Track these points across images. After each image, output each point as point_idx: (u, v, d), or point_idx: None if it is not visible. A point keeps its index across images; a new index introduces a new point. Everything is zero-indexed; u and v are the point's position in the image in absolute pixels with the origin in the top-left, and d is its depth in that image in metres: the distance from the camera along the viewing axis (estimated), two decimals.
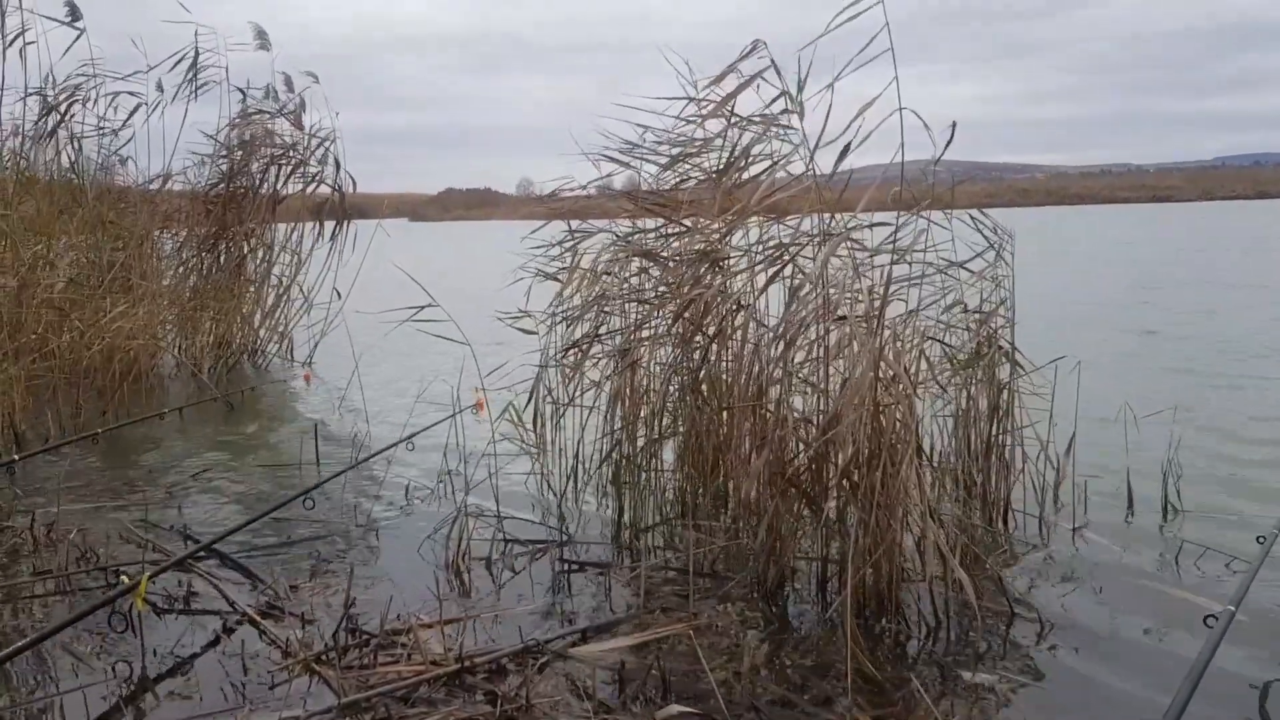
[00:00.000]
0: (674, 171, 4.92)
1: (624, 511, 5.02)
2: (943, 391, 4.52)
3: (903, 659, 3.56)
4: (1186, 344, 10.88)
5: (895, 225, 3.89)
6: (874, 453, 3.73)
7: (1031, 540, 4.72)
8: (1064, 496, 5.06)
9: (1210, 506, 5.11)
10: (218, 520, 5.26)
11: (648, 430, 4.95)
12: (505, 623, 3.85)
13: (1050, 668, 3.47)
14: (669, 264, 4.77)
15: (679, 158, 4.80)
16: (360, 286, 10.11)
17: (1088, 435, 5.19)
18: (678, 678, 3.34)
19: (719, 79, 4.37)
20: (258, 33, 10.76)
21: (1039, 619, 3.80)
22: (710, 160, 4.77)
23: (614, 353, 4.97)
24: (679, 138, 4.86)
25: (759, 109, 4.32)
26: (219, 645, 3.71)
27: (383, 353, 8.87)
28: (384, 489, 5.66)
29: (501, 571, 4.45)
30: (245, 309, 11.00)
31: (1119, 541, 4.70)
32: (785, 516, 4.04)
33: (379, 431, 6.50)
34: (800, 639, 3.76)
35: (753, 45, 4.24)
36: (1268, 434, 6.67)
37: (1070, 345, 5.51)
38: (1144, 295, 16.18)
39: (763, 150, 4.44)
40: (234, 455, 6.83)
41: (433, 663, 3.38)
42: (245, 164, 10.89)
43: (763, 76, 4.16)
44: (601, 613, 4.00)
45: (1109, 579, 4.24)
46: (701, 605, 3.98)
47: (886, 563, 3.75)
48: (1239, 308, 14.06)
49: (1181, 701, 2.61)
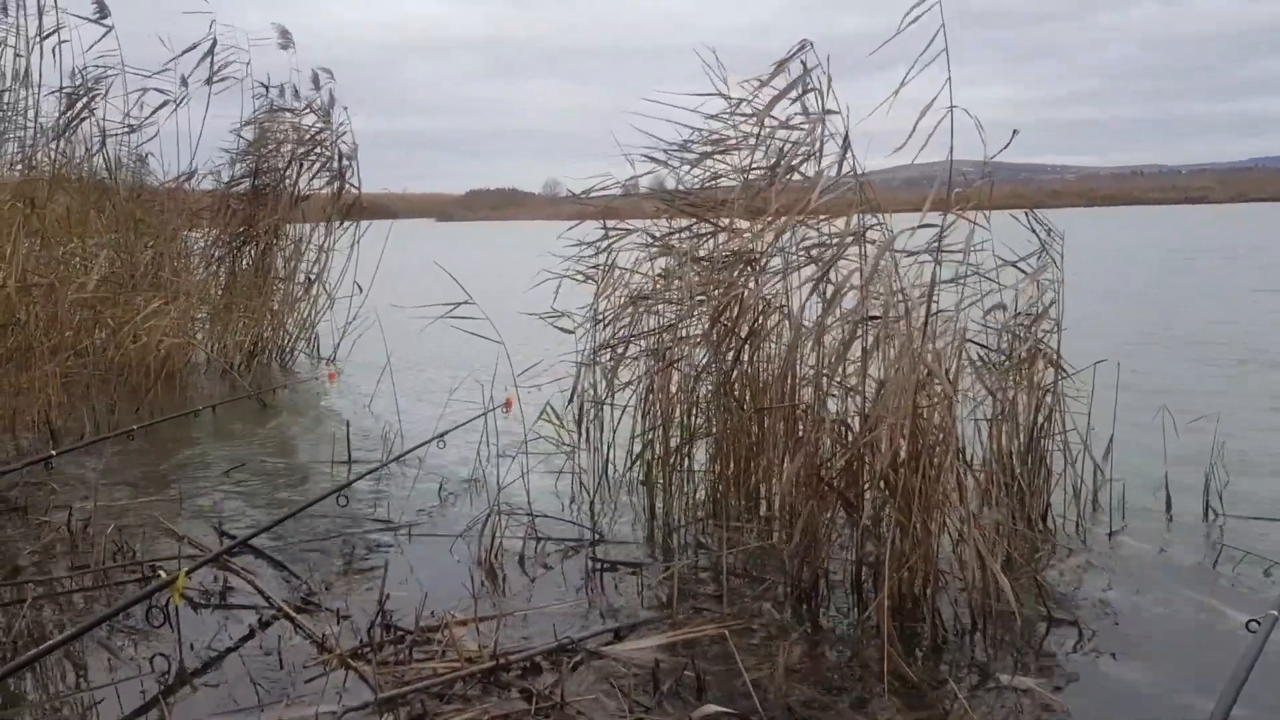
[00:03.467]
0: (705, 169, 4.90)
1: (656, 511, 5.01)
2: (986, 394, 4.47)
3: (939, 661, 3.53)
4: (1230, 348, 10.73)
5: (941, 226, 3.85)
6: (913, 454, 3.71)
7: (1070, 543, 4.68)
8: (1105, 500, 5.00)
9: (1251, 510, 5.03)
10: (251, 516, 5.29)
11: (680, 430, 4.93)
12: (538, 621, 3.85)
13: (1089, 673, 3.43)
14: (705, 265, 4.76)
15: (710, 154, 4.78)
16: (390, 285, 10.15)
17: (1128, 438, 5.14)
18: (712, 678, 3.33)
19: (770, 78, 4.35)
20: (281, 32, 10.82)
21: (1077, 623, 3.76)
22: (743, 159, 4.75)
23: (648, 353, 4.97)
24: (712, 136, 4.85)
25: (796, 110, 4.30)
26: (254, 640, 3.72)
27: (414, 350, 8.90)
28: (416, 486, 5.67)
29: (534, 569, 4.45)
30: (274, 306, 11.06)
31: (1159, 545, 4.65)
32: (820, 518, 4.02)
33: (410, 429, 6.51)
34: (835, 640, 3.74)
35: (800, 45, 4.22)
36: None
37: (1115, 347, 5.45)
38: (1192, 296, 15.99)
39: (802, 152, 4.42)
40: (267, 452, 6.87)
41: (468, 660, 3.38)
42: (270, 160, 10.95)
43: (811, 76, 4.13)
44: (634, 612, 3.99)
45: (1149, 584, 4.19)
46: (735, 606, 3.96)
47: (923, 565, 3.72)
48: None
49: (1225, 707, 2.56)
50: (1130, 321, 12.39)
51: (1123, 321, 12.17)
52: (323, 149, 11.01)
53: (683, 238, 4.97)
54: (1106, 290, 15.66)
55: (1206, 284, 18.10)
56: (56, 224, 8.31)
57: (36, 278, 7.51)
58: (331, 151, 11.00)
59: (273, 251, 11.11)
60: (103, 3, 9.61)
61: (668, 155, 5.00)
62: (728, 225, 4.59)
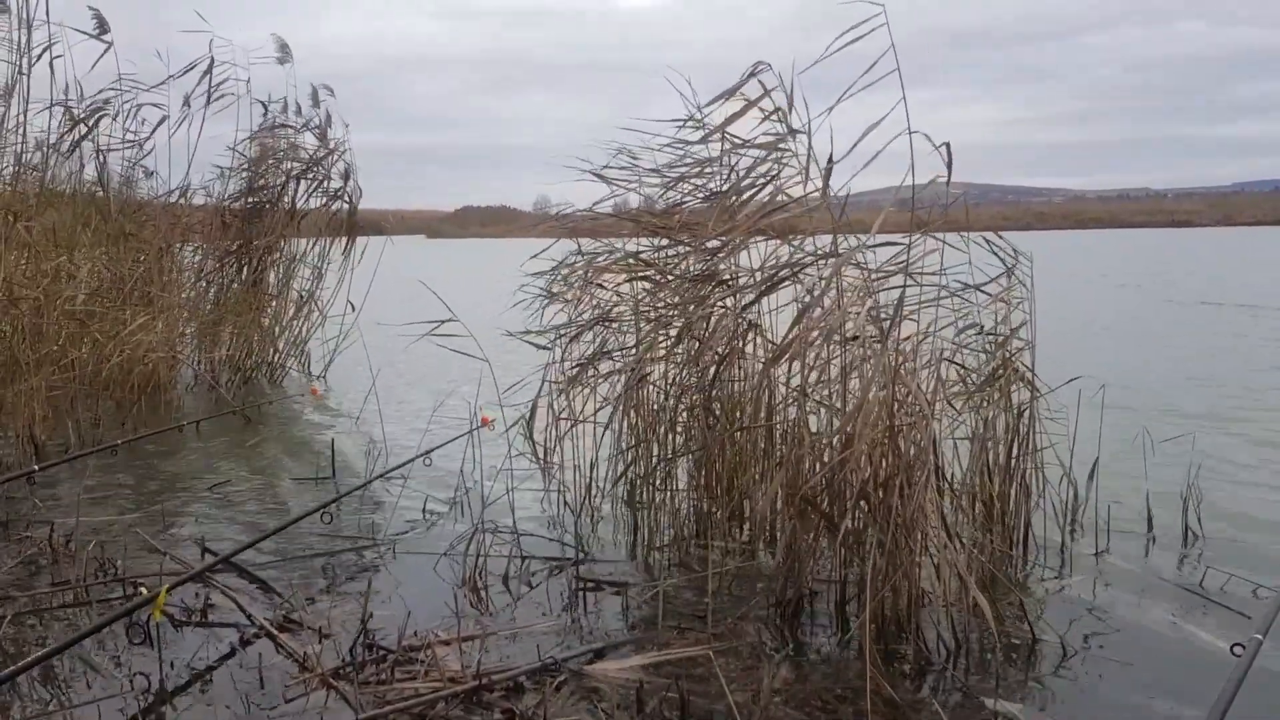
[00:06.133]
0: (677, 191, 4.93)
1: (639, 530, 5.00)
2: (958, 414, 4.49)
3: (923, 683, 3.53)
4: (1210, 367, 10.81)
5: (908, 245, 3.88)
6: (891, 474, 3.72)
7: (1053, 565, 4.68)
8: (1086, 522, 5.02)
9: (1233, 532, 5.06)
10: (235, 533, 5.27)
11: (660, 449, 4.94)
12: (522, 640, 3.84)
13: (1072, 696, 3.43)
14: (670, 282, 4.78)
15: (681, 178, 4.82)
16: (376, 302, 10.15)
17: (1110, 458, 5.16)
18: (696, 698, 3.32)
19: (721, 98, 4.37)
20: (279, 45, 10.84)
21: (1061, 645, 3.76)
22: (716, 181, 4.78)
23: (622, 370, 4.97)
24: (683, 158, 4.88)
25: (764, 130, 4.32)
26: (235, 658, 3.70)
27: (400, 368, 8.90)
28: (401, 504, 5.66)
29: (518, 589, 4.44)
30: (265, 322, 11.04)
31: (1141, 568, 4.66)
32: (803, 537, 4.03)
33: (396, 446, 6.50)
34: (819, 661, 3.74)
35: (754, 67, 4.24)
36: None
37: (1093, 366, 5.49)
38: (1172, 319, 16.09)
39: (766, 171, 4.44)
40: (251, 469, 6.84)
41: (450, 680, 3.37)
42: (267, 177, 10.96)
43: (770, 97, 4.15)
44: (618, 631, 3.98)
45: (1131, 607, 4.20)
46: (719, 626, 3.96)
47: (905, 585, 3.73)
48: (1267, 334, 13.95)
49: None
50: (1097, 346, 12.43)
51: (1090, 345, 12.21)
52: (321, 167, 11.03)
53: (656, 257, 4.98)
54: (1078, 313, 15.74)
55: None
56: (45, 238, 8.28)
57: (24, 291, 7.48)
58: (330, 169, 11.03)
59: (266, 268, 11.11)
60: (103, 18, 9.62)
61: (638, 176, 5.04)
62: (698, 244, 4.60)
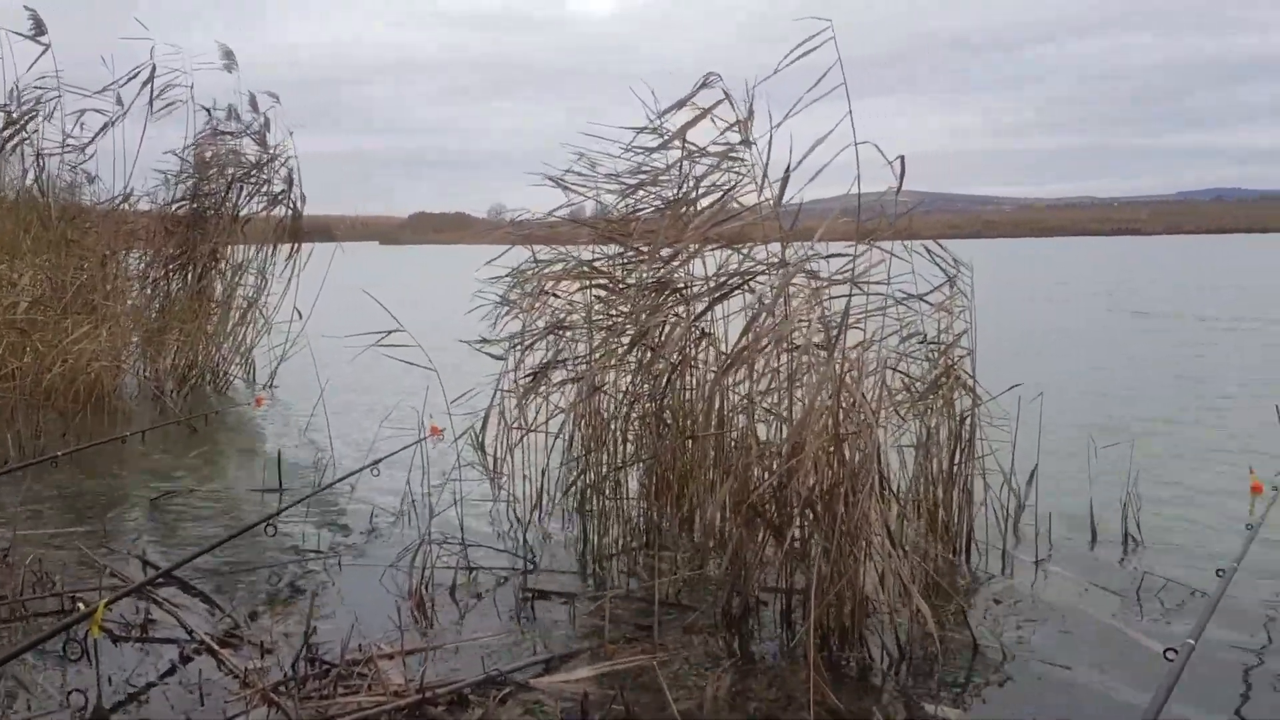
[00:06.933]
0: (634, 199, 4.94)
1: (588, 539, 4.99)
2: (903, 421, 4.54)
3: (866, 691, 3.55)
4: (1149, 375, 11.02)
5: (853, 255, 3.92)
6: (837, 482, 3.75)
7: (995, 572, 4.74)
8: (1026, 528, 5.09)
9: (1170, 537, 5.16)
10: (177, 546, 5.19)
11: (610, 458, 4.93)
12: (468, 652, 3.81)
13: (1013, 702, 3.48)
14: (624, 290, 4.78)
15: (637, 186, 4.83)
16: (327, 310, 10.05)
17: (1050, 465, 5.23)
18: (641, 709, 3.32)
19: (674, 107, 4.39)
20: (225, 53, 10.70)
21: (1002, 652, 3.81)
22: (670, 191, 4.79)
23: (575, 379, 4.96)
24: (640, 167, 4.89)
25: (723, 140, 4.34)
26: (176, 674, 3.65)
27: (348, 377, 8.81)
28: (347, 515, 5.61)
29: (465, 600, 4.42)
30: (210, 330, 10.90)
31: (1081, 573, 4.73)
32: (750, 546, 4.04)
33: (343, 456, 6.45)
34: (764, 670, 3.75)
35: (705, 78, 4.26)
36: (1226, 464, 6.73)
37: (1033, 375, 5.57)
38: (1111, 326, 16.40)
39: (718, 180, 4.46)
40: (196, 480, 6.74)
41: (394, 693, 3.34)
42: (210, 183, 10.83)
43: (731, 105, 4.18)
44: (565, 642, 3.97)
45: (1071, 612, 4.26)
46: (666, 635, 3.96)
47: (850, 593, 3.76)
48: (1207, 340, 14.25)
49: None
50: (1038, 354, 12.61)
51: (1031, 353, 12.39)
52: (263, 172, 10.91)
53: (610, 265, 4.99)
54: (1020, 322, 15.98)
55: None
56: None
57: None
58: (271, 175, 10.91)
59: (210, 275, 10.97)
60: (39, 20, 9.45)
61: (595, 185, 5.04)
62: (652, 252, 4.61)
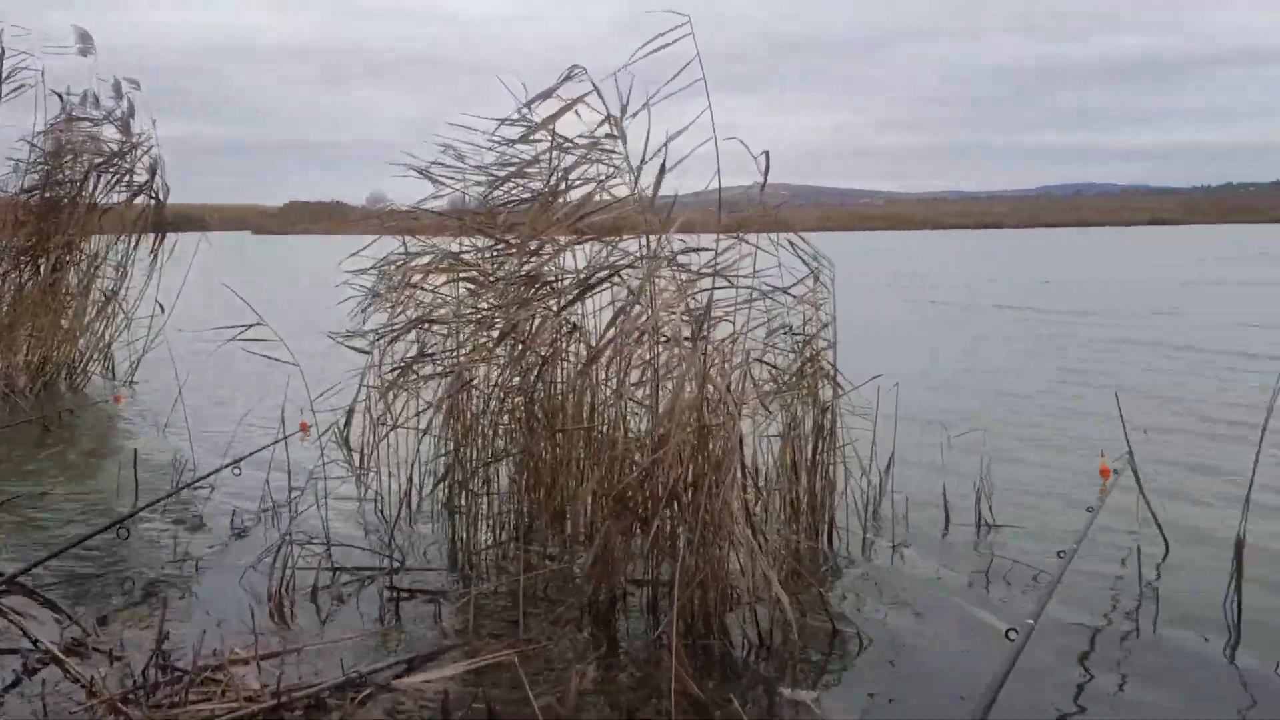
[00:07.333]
0: (502, 191, 4.89)
1: (458, 536, 4.94)
2: (768, 413, 4.62)
3: (728, 678, 3.62)
4: (1005, 365, 11.49)
5: (715, 250, 3.98)
6: (700, 473, 3.80)
7: (855, 557, 4.88)
8: (885, 514, 5.25)
9: (1021, 520, 5.37)
10: (25, 551, 4.95)
11: (480, 453, 4.89)
12: (329, 655, 3.74)
13: (866, 683, 3.60)
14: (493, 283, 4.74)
15: (505, 178, 4.78)
16: (191, 303, 9.72)
17: (908, 453, 5.41)
18: (504, 706, 3.31)
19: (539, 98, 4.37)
20: (81, 36, 10.24)
21: (859, 635, 3.93)
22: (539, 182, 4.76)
23: (444, 373, 4.89)
24: (509, 159, 4.85)
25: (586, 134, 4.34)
26: (19, 686, 3.49)
27: (211, 373, 8.54)
28: (207, 517, 5.44)
29: (328, 602, 4.33)
30: (65, 324, 10.42)
31: (935, 556, 4.91)
32: (616, 538, 4.07)
33: (203, 455, 6.24)
34: (629, 661, 3.79)
35: (570, 70, 4.26)
36: (1077, 451, 7.05)
37: (894, 365, 5.74)
38: (968, 318, 17.03)
39: (590, 173, 4.46)
40: (46, 481, 6.44)
41: (248, 699, 3.26)
42: (64, 171, 10.34)
43: (600, 98, 4.17)
44: (430, 641, 3.94)
45: (925, 594, 4.42)
46: (533, 630, 3.96)
47: (714, 583, 3.81)
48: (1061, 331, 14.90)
49: (981, 712, 2.73)
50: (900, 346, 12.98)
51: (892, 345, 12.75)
52: (124, 160, 10.46)
53: (479, 258, 4.93)
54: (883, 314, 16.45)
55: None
56: None
57: None
58: (133, 163, 10.48)
59: (65, 266, 10.48)
60: None
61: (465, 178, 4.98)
62: (522, 245, 4.58)
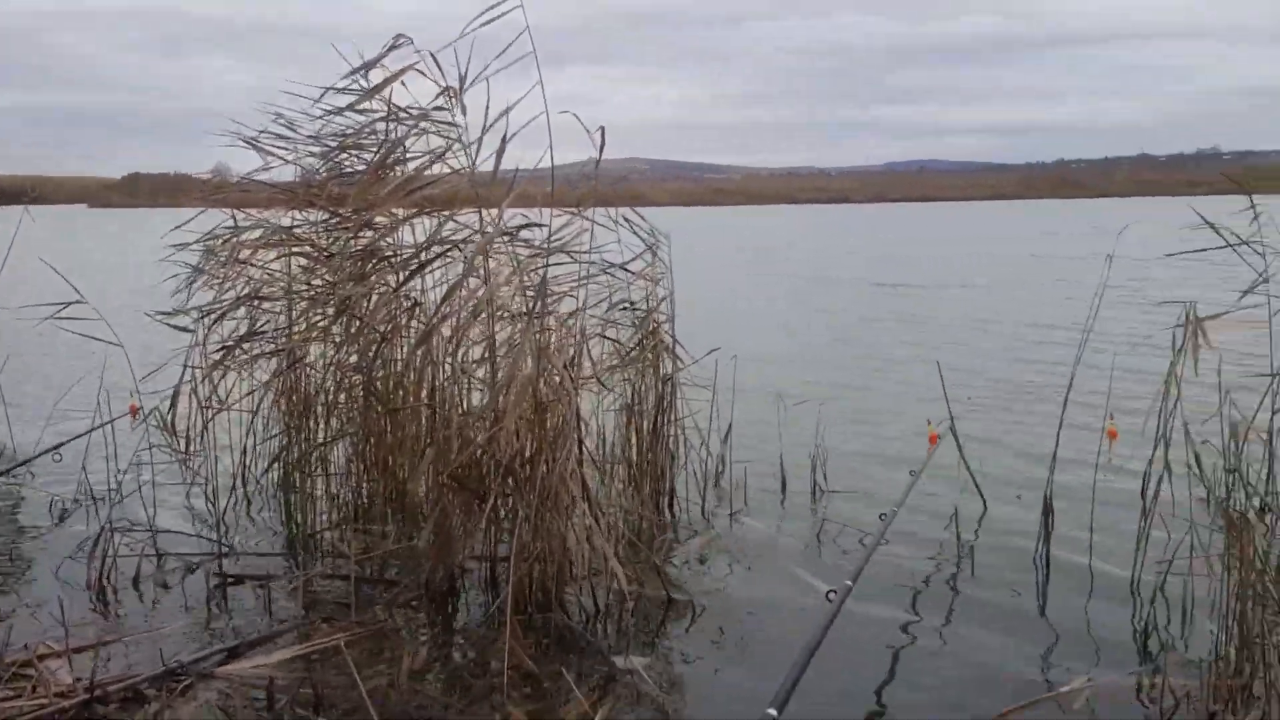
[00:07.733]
0: (335, 162, 4.74)
1: (293, 519, 4.82)
2: (605, 389, 4.65)
3: (564, 650, 3.64)
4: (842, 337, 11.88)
5: (549, 225, 3.98)
6: (538, 449, 3.80)
7: (695, 526, 4.98)
8: (725, 483, 5.36)
9: (854, 485, 5.56)
10: None
11: (311, 433, 4.77)
12: (150, 645, 3.61)
13: (694, 647, 3.68)
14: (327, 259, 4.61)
15: (339, 148, 4.64)
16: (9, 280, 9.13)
17: (746, 425, 5.54)
18: (332, 690, 3.26)
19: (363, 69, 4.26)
20: None
21: (692, 601, 4.01)
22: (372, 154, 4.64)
23: (275, 352, 4.74)
24: (344, 130, 4.70)
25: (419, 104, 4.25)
26: None
27: (29, 355, 8.08)
28: (24, 505, 5.16)
29: (151, 590, 4.18)
30: None
31: (771, 522, 5.05)
32: (454, 515, 4.04)
33: (21, 441, 5.92)
34: (466, 639, 3.78)
35: (395, 40, 4.18)
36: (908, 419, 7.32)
37: (736, 339, 5.85)
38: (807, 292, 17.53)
39: (424, 145, 4.38)
40: None
41: (59, 695, 3.12)
42: None
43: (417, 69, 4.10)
44: (260, 627, 3.83)
45: (758, 559, 4.54)
46: (369, 613, 3.90)
47: (552, 557, 3.83)
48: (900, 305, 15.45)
49: (798, 671, 2.82)
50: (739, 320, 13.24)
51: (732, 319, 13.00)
52: None
53: (311, 232, 4.78)
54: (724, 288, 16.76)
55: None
56: None
57: None
58: None
59: None
60: None
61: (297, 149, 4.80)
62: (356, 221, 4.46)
